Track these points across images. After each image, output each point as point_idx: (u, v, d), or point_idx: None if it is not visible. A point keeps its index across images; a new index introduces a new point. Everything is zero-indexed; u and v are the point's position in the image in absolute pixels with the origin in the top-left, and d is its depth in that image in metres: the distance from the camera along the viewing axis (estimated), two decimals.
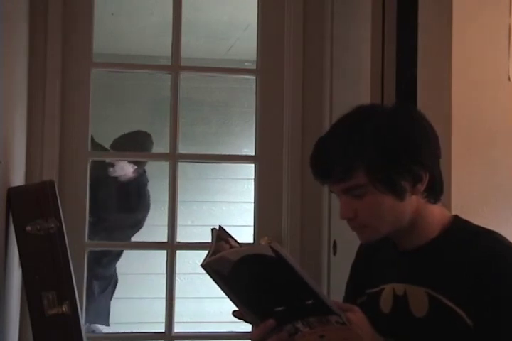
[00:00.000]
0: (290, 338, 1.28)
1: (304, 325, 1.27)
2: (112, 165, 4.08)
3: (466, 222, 1.43)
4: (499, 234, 1.38)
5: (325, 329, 1.25)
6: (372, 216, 1.35)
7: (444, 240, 1.38)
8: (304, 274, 1.23)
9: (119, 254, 4.23)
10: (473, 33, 1.90)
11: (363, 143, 1.32)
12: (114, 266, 4.26)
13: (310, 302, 1.24)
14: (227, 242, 1.31)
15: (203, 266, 1.25)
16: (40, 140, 2.62)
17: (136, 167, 4.13)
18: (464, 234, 1.38)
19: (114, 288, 4.27)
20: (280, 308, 1.27)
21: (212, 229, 1.34)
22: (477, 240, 1.35)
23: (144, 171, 4.23)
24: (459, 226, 1.40)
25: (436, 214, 1.40)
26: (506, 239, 1.37)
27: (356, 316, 1.29)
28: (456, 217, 1.44)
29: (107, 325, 4.11)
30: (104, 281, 4.15)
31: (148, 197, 4.27)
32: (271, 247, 1.20)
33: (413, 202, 1.36)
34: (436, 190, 1.39)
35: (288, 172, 2.78)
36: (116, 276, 4.29)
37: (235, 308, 1.35)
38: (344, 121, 1.40)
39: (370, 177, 1.32)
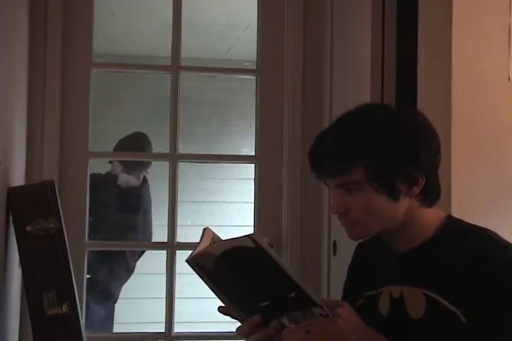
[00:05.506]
0: (277, 334, 1.28)
1: (290, 320, 1.27)
2: (116, 176, 4.05)
3: (460, 221, 1.43)
4: (490, 231, 1.38)
5: (310, 324, 1.26)
6: (364, 213, 1.35)
7: (437, 240, 1.38)
8: (283, 264, 1.24)
9: (128, 276, 4.19)
10: (473, 33, 1.90)
11: (361, 141, 1.32)
12: (121, 287, 4.22)
13: (293, 295, 1.24)
14: (214, 240, 1.32)
15: (187, 261, 1.26)
16: (40, 140, 2.62)
17: (138, 175, 4.08)
18: (456, 232, 1.38)
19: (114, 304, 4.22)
20: (265, 303, 1.27)
21: (204, 229, 1.35)
22: (468, 237, 1.35)
23: (145, 180, 4.15)
24: (451, 225, 1.40)
25: (430, 216, 1.40)
26: (497, 235, 1.37)
27: (346, 311, 1.29)
28: (449, 216, 1.44)
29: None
30: (107, 298, 4.10)
31: (149, 204, 4.20)
32: (251, 238, 1.20)
33: (406, 203, 1.36)
34: (432, 195, 1.38)
35: (288, 172, 2.78)
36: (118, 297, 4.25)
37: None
38: (347, 117, 1.40)
39: (367, 175, 1.32)
